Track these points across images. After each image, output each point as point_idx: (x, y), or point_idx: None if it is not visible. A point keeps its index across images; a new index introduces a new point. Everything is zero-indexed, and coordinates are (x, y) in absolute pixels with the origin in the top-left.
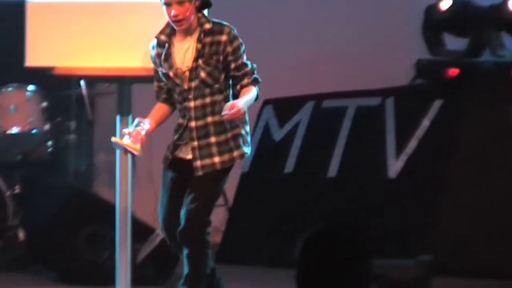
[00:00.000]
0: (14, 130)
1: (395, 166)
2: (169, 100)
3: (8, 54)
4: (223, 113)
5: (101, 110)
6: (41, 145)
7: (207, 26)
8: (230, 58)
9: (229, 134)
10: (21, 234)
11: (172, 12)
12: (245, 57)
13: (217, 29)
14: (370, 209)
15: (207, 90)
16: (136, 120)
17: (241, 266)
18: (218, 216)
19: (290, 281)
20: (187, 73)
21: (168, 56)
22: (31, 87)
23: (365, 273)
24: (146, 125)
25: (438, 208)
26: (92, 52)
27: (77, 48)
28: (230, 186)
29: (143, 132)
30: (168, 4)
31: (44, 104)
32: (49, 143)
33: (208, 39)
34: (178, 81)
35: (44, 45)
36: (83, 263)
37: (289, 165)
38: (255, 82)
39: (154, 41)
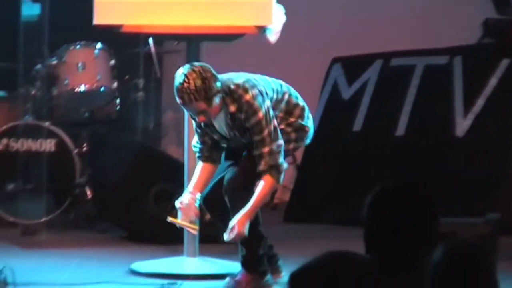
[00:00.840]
0: (82, 88)
1: (462, 124)
2: (211, 158)
3: (77, 12)
4: (225, 237)
5: (169, 68)
6: (109, 103)
7: (232, 108)
8: (250, 131)
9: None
10: (89, 192)
11: (198, 119)
12: (265, 132)
13: (239, 106)
14: (437, 167)
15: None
16: (186, 192)
17: (310, 225)
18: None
19: (358, 239)
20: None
21: (209, 123)
22: (99, 45)
23: (433, 231)
24: (198, 195)
25: (505, 166)
26: (160, 9)
27: (145, 6)
28: None
29: (196, 204)
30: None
31: (112, 62)
32: (117, 101)
33: (236, 116)
34: (223, 143)
35: (112, 3)
36: (151, 221)
37: (358, 124)
38: (272, 169)
39: None
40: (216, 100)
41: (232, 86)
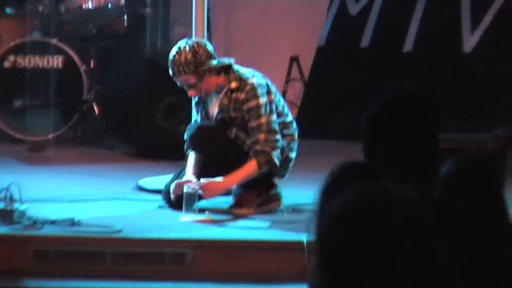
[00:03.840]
0: (90, 4)
1: (470, 41)
2: None
3: None
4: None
5: None
6: (116, 19)
7: (234, 85)
8: (246, 116)
9: None
10: (97, 108)
11: (188, 93)
12: (263, 119)
13: (242, 86)
14: (444, 83)
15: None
16: (188, 187)
17: (317, 140)
18: (294, 90)
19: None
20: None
21: (205, 104)
22: None
23: (432, 142)
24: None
25: (511, 83)
26: None
27: None
28: (306, 60)
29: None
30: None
31: None
32: (125, 17)
33: (234, 95)
34: None
35: None
36: (159, 137)
37: (365, 40)
38: (260, 155)
39: None
40: (209, 77)
41: (241, 70)
